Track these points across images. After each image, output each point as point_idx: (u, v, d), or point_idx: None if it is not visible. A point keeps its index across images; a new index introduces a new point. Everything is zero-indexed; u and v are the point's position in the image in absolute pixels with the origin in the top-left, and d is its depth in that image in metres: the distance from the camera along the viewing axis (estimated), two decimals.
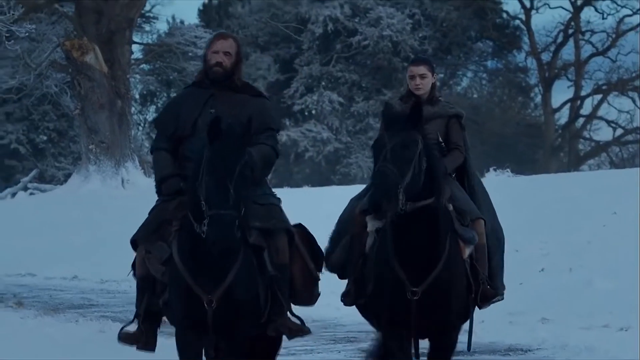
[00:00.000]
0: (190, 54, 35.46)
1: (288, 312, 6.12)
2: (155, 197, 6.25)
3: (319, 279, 6.38)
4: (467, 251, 6.27)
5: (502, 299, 6.62)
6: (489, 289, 6.37)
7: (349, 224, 6.54)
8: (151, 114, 39.10)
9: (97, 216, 20.62)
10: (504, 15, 40.98)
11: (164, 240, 5.96)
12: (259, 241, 6.01)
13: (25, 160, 35.36)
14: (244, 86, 6.43)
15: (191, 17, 49.07)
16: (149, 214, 6.19)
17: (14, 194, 28.97)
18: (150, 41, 37.26)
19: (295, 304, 6.26)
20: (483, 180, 6.99)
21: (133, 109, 33.79)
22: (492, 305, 6.51)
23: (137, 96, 38.04)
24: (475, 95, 42.58)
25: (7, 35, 18.11)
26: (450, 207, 6.30)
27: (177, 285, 5.84)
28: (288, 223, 6.23)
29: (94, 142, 27.01)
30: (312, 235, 6.43)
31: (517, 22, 40.84)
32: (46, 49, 29.91)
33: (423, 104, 6.47)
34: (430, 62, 6.93)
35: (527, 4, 39.96)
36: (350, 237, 6.46)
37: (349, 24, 38.26)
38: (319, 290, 6.38)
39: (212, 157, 5.66)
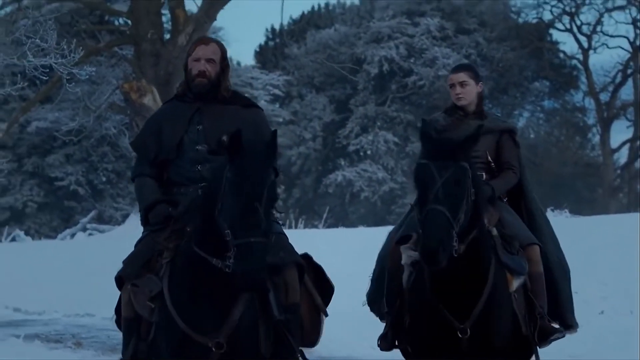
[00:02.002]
0: (246, 94, 35.76)
1: (300, 357, 5.30)
2: None
3: (327, 315, 5.64)
4: (514, 283, 5.52)
5: (563, 336, 5.82)
6: (548, 324, 5.62)
7: (385, 260, 5.89)
8: None
9: None
10: (561, 55, 40.80)
11: (154, 273, 5.14)
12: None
13: (84, 201, 35.79)
14: (233, 96, 5.69)
15: (248, 59, 49.59)
16: (135, 246, 5.39)
17: (73, 235, 29.28)
18: None
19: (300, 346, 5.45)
20: None
21: None
22: (551, 346, 5.76)
23: None
24: (532, 135, 42.32)
25: (67, 78, 18.42)
26: (494, 231, 5.58)
27: (166, 327, 5.02)
28: (297, 255, 5.41)
29: None
30: (320, 267, 5.68)
31: (575, 62, 40.64)
32: (105, 91, 30.37)
33: (469, 118, 5.90)
34: (472, 69, 6.17)
35: (585, 44, 39.74)
36: (387, 273, 5.79)
37: (404, 64, 38.36)
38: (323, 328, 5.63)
39: (236, 176, 4.84)
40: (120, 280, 5.26)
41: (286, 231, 5.55)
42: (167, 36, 28.42)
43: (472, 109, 6.01)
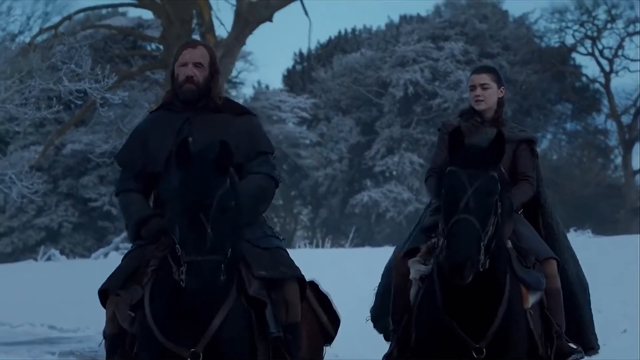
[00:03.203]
0: (274, 117, 35.89)
1: None
2: None
3: (333, 338, 5.18)
4: (530, 299, 5.04)
5: (582, 357, 5.35)
6: (566, 344, 5.17)
7: (391, 274, 5.40)
8: None
9: None
10: (584, 78, 40.70)
11: (140, 284, 4.75)
12: (261, 294, 4.73)
13: (117, 221, 35.94)
14: (224, 104, 5.11)
15: (276, 82, 49.77)
16: (122, 260, 4.99)
17: (106, 254, 29.42)
18: None
19: None
20: None
21: None
22: None
23: None
24: (555, 157, 42.16)
25: (101, 102, 18.56)
26: (509, 244, 5.08)
27: (144, 338, 4.61)
28: (299, 270, 4.94)
29: None
30: (326, 296, 5.21)
31: (597, 85, 40.52)
32: (137, 114, 30.55)
33: (486, 125, 5.42)
34: (495, 71, 5.63)
35: (607, 68, 39.63)
36: (392, 288, 5.29)
37: (429, 87, 38.38)
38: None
39: (181, 187, 4.38)
40: (104, 295, 4.85)
41: (313, 250, 5.35)
42: None
43: (490, 115, 5.53)
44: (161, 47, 30.15)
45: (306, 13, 32.42)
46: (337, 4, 53.73)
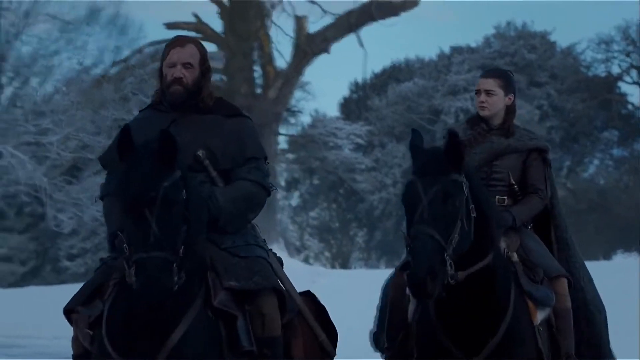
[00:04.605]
0: (331, 144, 36.05)
1: None
2: (301, 279, 4.73)
3: (333, 356, 4.57)
4: (539, 315, 4.54)
5: None
6: None
7: (388, 289, 4.89)
8: (295, 199, 39.71)
9: None
10: (629, 106, 40.33)
11: (102, 299, 4.23)
12: (229, 306, 4.15)
13: None
14: (216, 104, 4.54)
15: (332, 110, 50.04)
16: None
17: None
18: (294, 133, 38.11)
19: None
20: (610, 263, 5.86)
21: (278, 195, 34.42)
22: None
23: (282, 183, 38.75)
24: (602, 182, 41.73)
25: None
26: (515, 257, 4.62)
27: (102, 358, 4.10)
28: (276, 280, 4.35)
29: None
30: (323, 308, 4.62)
31: None
32: None
33: (493, 133, 4.90)
34: (504, 77, 5.00)
35: None
36: (388, 304, 4.79)
37: None
38: None
39: (124, 180, 3.89)
40: (69, 314, 4.31)
41: (368, 271, 4.71)
42: (259, 90, 28.85)
43: (497, 123, 4.96)
44: (224, 77, 30.49)
45: (361, 44, 32.63)
46: (391, 35, 53.95)
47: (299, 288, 4.63)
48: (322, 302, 4.65)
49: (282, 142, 35.45)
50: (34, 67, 26.10)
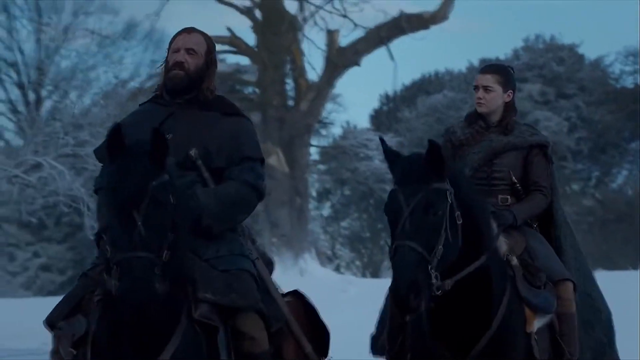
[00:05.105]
0: (361, 155, 36.07)
1: None
2: (332, 288, 4.36)
3: None
4: (537, 322, 4.30)
5: None
6: None
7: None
8: (327, 209, 39.74)
9: None
10: None
11: (84, 314, 3.93)
12: (211, 318, 3.89)
13: None
14: (216, 101, 4.29)
15: (363, 122, 50.05)
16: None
17: None
18: (326, 144, 38.18)
19: None
20: (638, 273, 5.38)
21: (310, 205, 34.49)
22: None
23: (314, 194, 38.81)
24: (630, 192, 41.39)
25: None
26: (515, 260, 4.33)
27: None
28: (255, 299, 4.02)
29: (276, 236, 27.79)
30: (313, 308, 4.37)
31: None
32: None
33: (491, 131, 4.68)
34: (502, 72, 4.76)
35: None
36: (389, 308, 4.51)
37: None
38: None
39: (111, 178, 3.66)
40: (51, 325, 4.02)
41: None
42: (291, 103, 28.96)
43: (496, 120, 4.74)
44: (257, 90, 30.63)
45: (392, 57, 32.64)
46: (421, 48, 53.93)
47: (331, 296, 4.37)
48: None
49: (314, 154, 35.61)
50: (72, 81, 26.41)
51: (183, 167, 4.06)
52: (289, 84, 30.45)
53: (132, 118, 4.30)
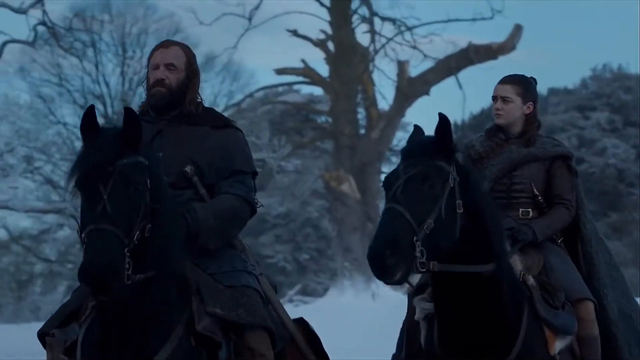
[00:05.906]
0: None
1: None
2: (404, 311, 4.21)
3: None
4: (557, 344, 3.91)
5: None
6: None
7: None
8: None
9: (350, 327, 20.93)
10: None
11: (79, 321, 3.77)
12: (214, 332, 3.67)
13: (291, 276, 36.58)
14: (205, 115, 4.08)
15: None
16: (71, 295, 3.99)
17: None
18: None
19: None
20: None
21: None
22: None
23: None
24: None
25: (277, 169, 19.14)
26: (531, 280, 3.96)
27: None
28: (262, 316, 3.84)
29: (348, 260, 27.78)
30: (316, 336, 4.18)
31: None
32: (308, 180, 31.21)
33: (512, 142, 4.37)
34: (523, 83, 4.45)
35: None
36: (405, 330, 4.19)
37: (576, 153, 37.30)
38: None
39: (81, 155, 3.48)
40: (43, 338, 3.81)
41: None
42: (362, 131, 29.04)
43: (516, 132, 4.42)
44: (330, 119, 30.78)
45: (460, 87, 32.52)
46: (489, 78, 53.56)
47: (402, 319, 4.27)
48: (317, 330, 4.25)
49: None
50: None
51: (178, 186, 3.91)
52: (361, 113, 30.55)
53: None
